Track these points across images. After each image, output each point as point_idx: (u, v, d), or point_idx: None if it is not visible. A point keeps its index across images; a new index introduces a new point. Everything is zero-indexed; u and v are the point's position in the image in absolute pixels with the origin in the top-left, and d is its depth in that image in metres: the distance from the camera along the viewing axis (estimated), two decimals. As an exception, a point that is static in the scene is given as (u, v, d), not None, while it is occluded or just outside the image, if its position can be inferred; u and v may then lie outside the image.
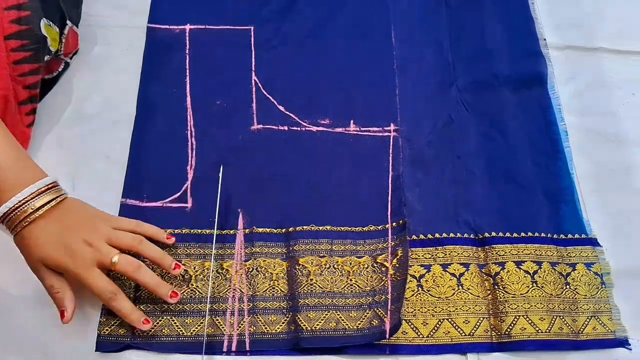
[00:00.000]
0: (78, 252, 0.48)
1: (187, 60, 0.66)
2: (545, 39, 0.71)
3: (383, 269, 0.56)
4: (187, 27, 0.68)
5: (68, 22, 0.59)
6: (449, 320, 0.54)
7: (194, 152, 0.61)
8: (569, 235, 0.59)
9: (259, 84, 0.65)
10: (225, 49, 0.67)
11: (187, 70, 0.65)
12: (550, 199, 0.61)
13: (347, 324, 0.53)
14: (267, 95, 0.64)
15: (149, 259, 0.51)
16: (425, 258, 0.57)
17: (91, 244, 0.48)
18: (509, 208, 0.60)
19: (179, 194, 0.58)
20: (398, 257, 0.56)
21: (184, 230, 0.57)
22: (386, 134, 0.63)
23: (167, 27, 0.68)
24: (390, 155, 0.62)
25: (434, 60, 0.68)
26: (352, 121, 0.64)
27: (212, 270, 0.54)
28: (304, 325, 0.52)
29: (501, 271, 0.55)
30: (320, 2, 0.70)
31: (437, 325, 0.53)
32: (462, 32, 0.70)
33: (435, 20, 0.71)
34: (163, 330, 0.51)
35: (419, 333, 0.53)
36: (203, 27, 0.68)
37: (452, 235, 0.58)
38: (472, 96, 0.66)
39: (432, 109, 0.65)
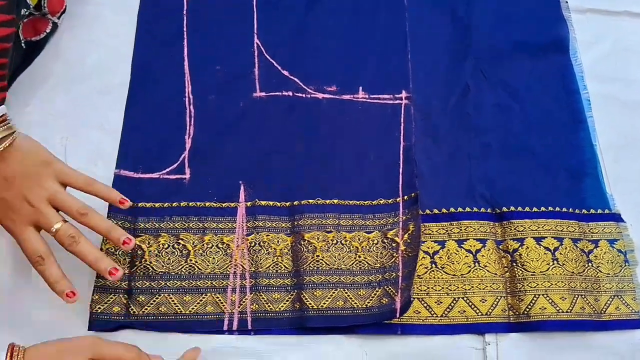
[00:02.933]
0: (16, 208, 0.44)
1: (185, 22, 0.61)
2: (567, 1, 0.66)
3: (394, 244, 0.52)
4: None
5: None
6: (465, 298, 0.51)
7: (192, 120, 0.57)
8: (592, 210, 0.56)
9: (262, 48, 0.61)
10: (226, 9, 0.62)
11: (185, 33, 0.61)
12: (572, 172, 0.57)
13: (355, 303, 0.50)
14: (270, 60, 0.60)
15: (96, 231, 0.46)
16: (439, 234, 0.53)
17: (32, 204, 0.44)
18: (527, 182, 0.56)
19: (176, 164, 0.55)
20: (409, 232, 0.52)
21: (182, 203, 0.53)
22: (397, 101, 0.59)
23: None
24: (402, 124, 0.58)
25: (449, 25, 0.64)
26: (360, 88, 0.60)
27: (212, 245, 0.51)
28: (310, 303, 0.49)
29: (520, 247, 0.52)
30: None
31: (452, 304, 0.50)
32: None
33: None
34: (160, 309, 0.48)
35: (432, 312, 0.50)
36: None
37: (467, 209, 0.55)
38: (490, 64, 0.62)
39: (448, 77, 0.61)
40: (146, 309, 0.48)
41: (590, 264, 0.53)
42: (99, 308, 0.48)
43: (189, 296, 0.49)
